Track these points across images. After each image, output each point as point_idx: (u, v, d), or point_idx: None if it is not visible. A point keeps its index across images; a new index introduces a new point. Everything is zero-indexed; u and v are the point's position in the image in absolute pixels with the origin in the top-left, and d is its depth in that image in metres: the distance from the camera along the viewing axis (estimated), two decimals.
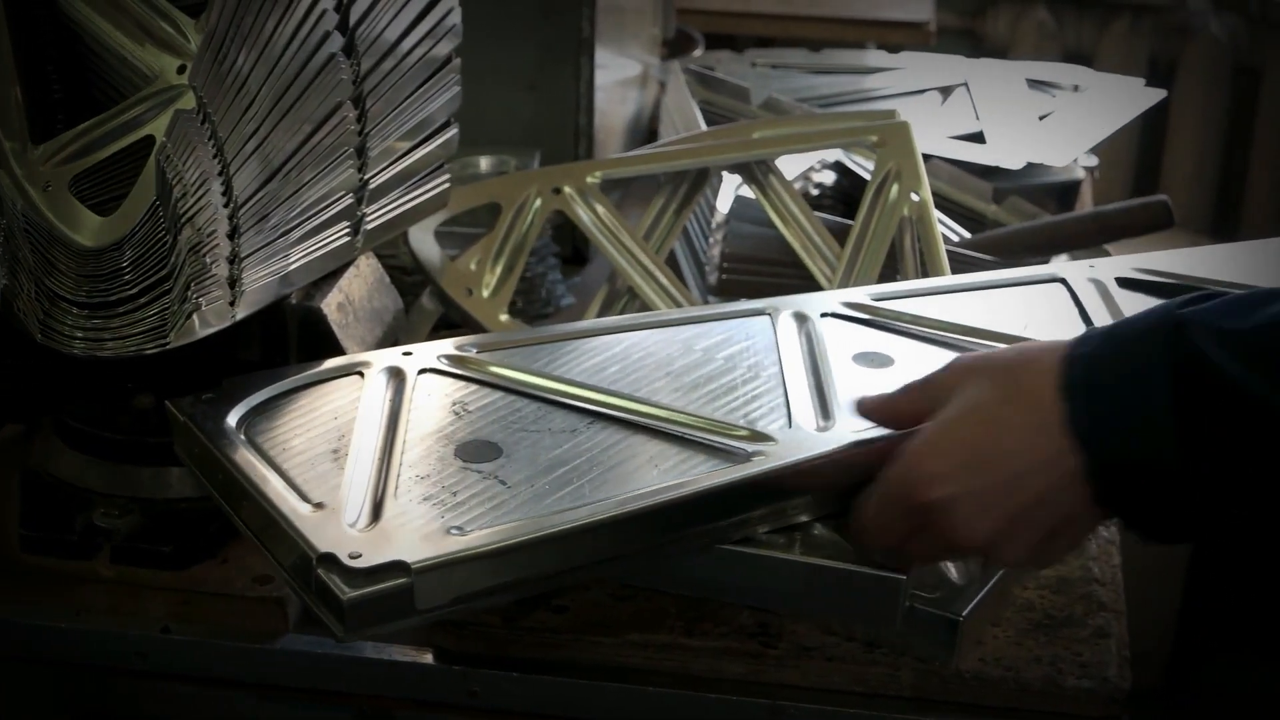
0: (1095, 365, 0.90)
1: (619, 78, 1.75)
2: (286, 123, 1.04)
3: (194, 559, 1.09)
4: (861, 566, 0.99)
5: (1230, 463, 0.85)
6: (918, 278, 1.34)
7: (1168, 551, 2.62)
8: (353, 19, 1.07)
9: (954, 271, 1.33)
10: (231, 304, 1.05)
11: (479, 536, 0.92)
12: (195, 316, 1.03)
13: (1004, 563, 0.96)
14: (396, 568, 0.89)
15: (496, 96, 1.58)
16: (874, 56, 2.10)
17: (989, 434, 0.91)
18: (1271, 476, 0.85)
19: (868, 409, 1.02)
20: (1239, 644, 2.82)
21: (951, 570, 1.03)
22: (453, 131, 1.21)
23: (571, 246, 1.57)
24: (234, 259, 1.04)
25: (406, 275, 1.44)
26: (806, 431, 1.03)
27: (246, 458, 1.01)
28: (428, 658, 1.05)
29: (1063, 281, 1.27)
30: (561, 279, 1.51)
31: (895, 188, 1.38)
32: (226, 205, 1.03)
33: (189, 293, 1.02)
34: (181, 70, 1.07)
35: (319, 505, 0.95)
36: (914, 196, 1.37)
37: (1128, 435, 0.87)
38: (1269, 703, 2.69)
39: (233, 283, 1.04)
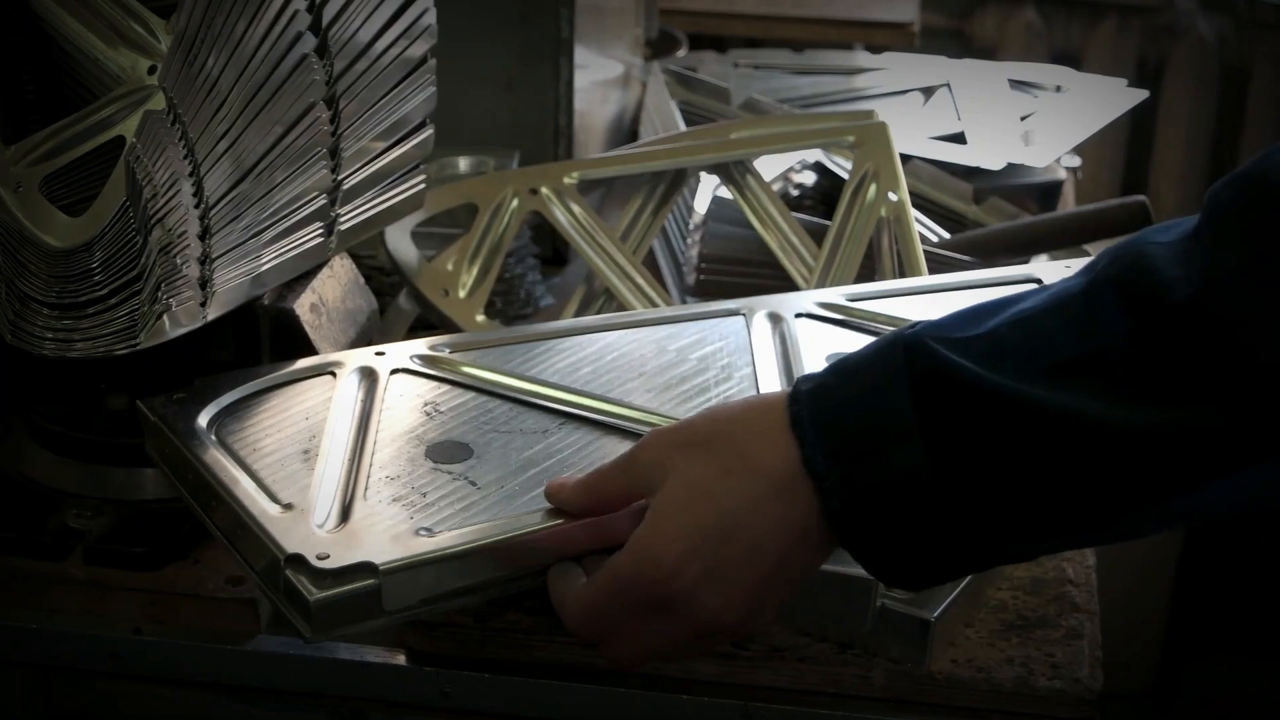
0: (823, 396, 0.86)
1: (600, 78, 1.74)
2: (258, 124, 1.04)
3: (166, 560, 1.09)
4: (834, 566, 0.99)
5: (979, 464, 0.82)
6: (895, 278, 1.34)
7: (1155, 556, 2.63)
8: (325, 20, 1.07)
9: (931, 272, 1.33)
10: (203, 305, 1.05)
11: (447, 538, 0.92)
12: (165, 317, 1.03)
13: (753, 633, 0.92)
14: (364, 569, 0.89)
15: (475, 97, 1.58)
16: (857, 57, 2.10)
17: (714, 510, 0.86)
18: (1022, 474, 0.82)
19: (570, 498, 0.94)
20: (1225, 646, 2.82)
21: None
22: (428, 132, 1.21)
23: (552, 247, 1.57)
24: (205, 260, 1.04)
25: (386, 276, 1.44)
26: None
27: (217, 458, 1.00)
28: (400, 658, 1.05)
29: (1038, 282, 1.26)
30: (541, 279, 1.51)
31: (873, 188, 1.38)
32: (197, 206, 1.02)
33: (159, 293, 1.02)
34: (152, 71, 1.06)
35: (288, 506, 0.95)
36: (892, 197, 1.37)
37: (870, 453, 0.83)
38: (1255, 704, 2.69)
39: (204, 283, 1.04)
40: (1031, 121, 1.80)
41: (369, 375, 1.10)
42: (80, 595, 1.09)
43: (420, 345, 1.14)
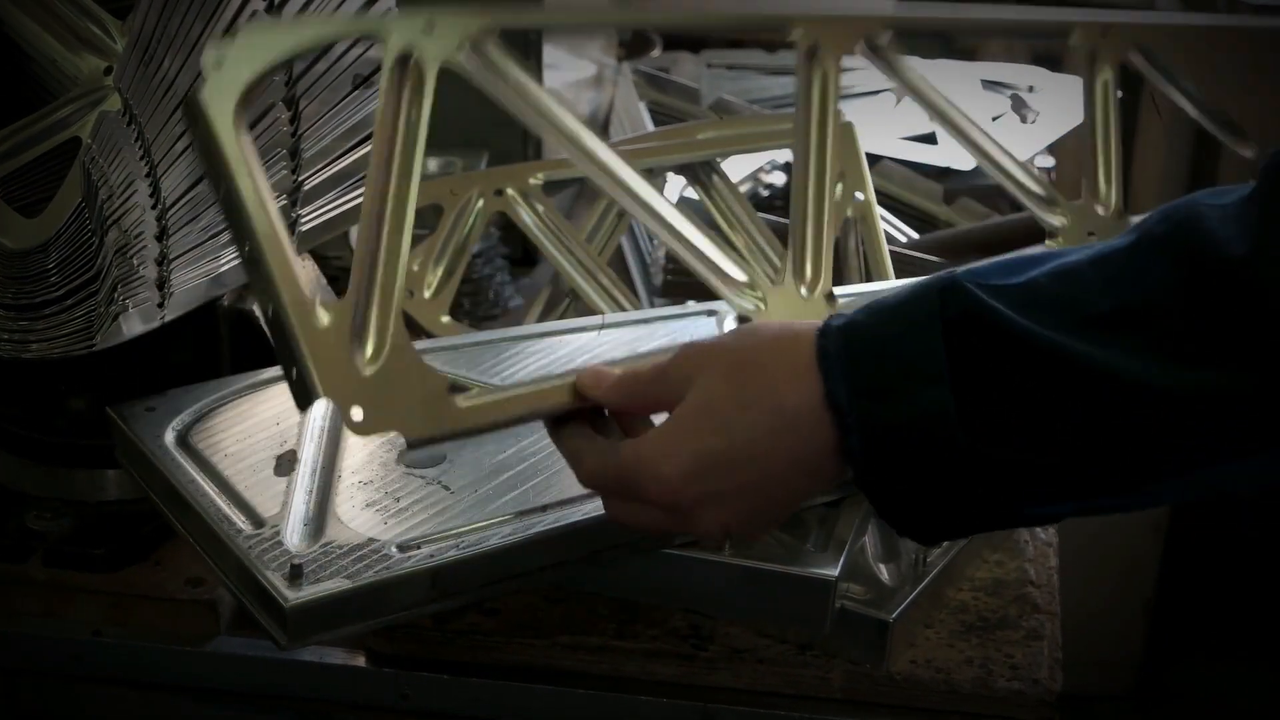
0: (852, 331, 0.84)
1: (571, 79, 1.74)
2: None
3: (126, 562, 1.09)
4: (792, 568, 0.99)
5: (1006, 412, 0.80)
6: (861, 279, 1.33)
7: (1137, 557, 2.63)
8: None
9: (898, 273, 1.33)
10: (160, 305, 1.04)
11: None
12: (122, 319, 1.02)
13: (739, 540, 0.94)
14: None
15: (444, 98, 1.57)
16: None
17: (727, 439, 0.85)
18: (1048, 426, 0.80)
19: (606, 396, 0.92)
20: (1207, 647, 2.82)
21: (883, 572, 1.03)
22: None
23: (521, 248, 1.57)
24: (163, 260, 1.04)
25: None
26: None
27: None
28: (360, 660, 1.05)
29: None
30: (510, 280, 1.51)
31: (839, 188, 1.38)
32: (154, 207, 1.02)
33: (116, 294, 1.02)
34: (109, 72, 1.06)
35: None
36: (858, 197, 1.37)
37: (896, 392, 0.81)
38: (1236, 704, 2.70)
39: (161, 284, 1.04)
40: (1003, 122, 1.81)
41: None
42: (41, 597, 1.08)
43: None
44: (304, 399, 0.86)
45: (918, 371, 0.81)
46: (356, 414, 0.87)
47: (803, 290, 1.05)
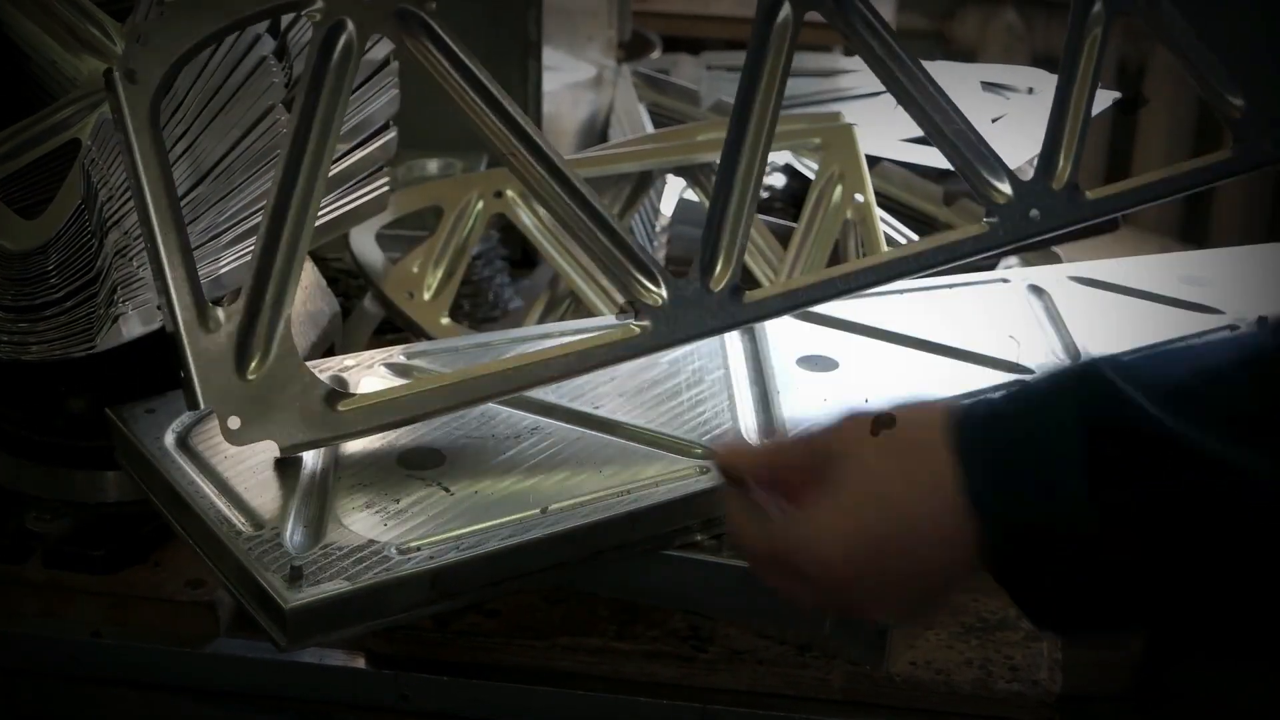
0: (994, 423, 0.83)
1: (571, 80, 1.74)
2: (216, 126, 1.05)
3: (126, 563, 1.08)
4: None
5: (1150, 523, 0.79)
6: None
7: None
8: (284, 22, 1.07)
9: None
10: (159, 307, 1.04)
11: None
12: (121, 320, 1.02)
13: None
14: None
15: (443, 99, 1.58)
16: (830, 59, 2.10)
17: (891, 524, 0.83)
18: (1195, 539, 0.79)
19: (743, 464, 0.91)
20: (1207, 647, 2.82)
21: None
22: (391, 134, 1.21)
23: (520, 250, 1.57)
24: None
25: (354, 278, 1.43)
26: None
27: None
28: (359, 661, 1.05)
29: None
30: (509, 282, 1.51)
31: (838, 190, 1.38)
32: None
33: (116, 296, 1.02)
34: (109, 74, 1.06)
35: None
36: (858, 198, 1.37)
37: (1033, 494, 0.80)
38: (1236, 705, 2.69)
39: None
40: (1003, 123, 1.80)
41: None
42: (40, 598, 1.08)
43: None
44: (190, 403, 0.93)
45: (1054, 472, 0.80)
46: (233, 423, 0.93)
47: (710, 284, 1.06)
